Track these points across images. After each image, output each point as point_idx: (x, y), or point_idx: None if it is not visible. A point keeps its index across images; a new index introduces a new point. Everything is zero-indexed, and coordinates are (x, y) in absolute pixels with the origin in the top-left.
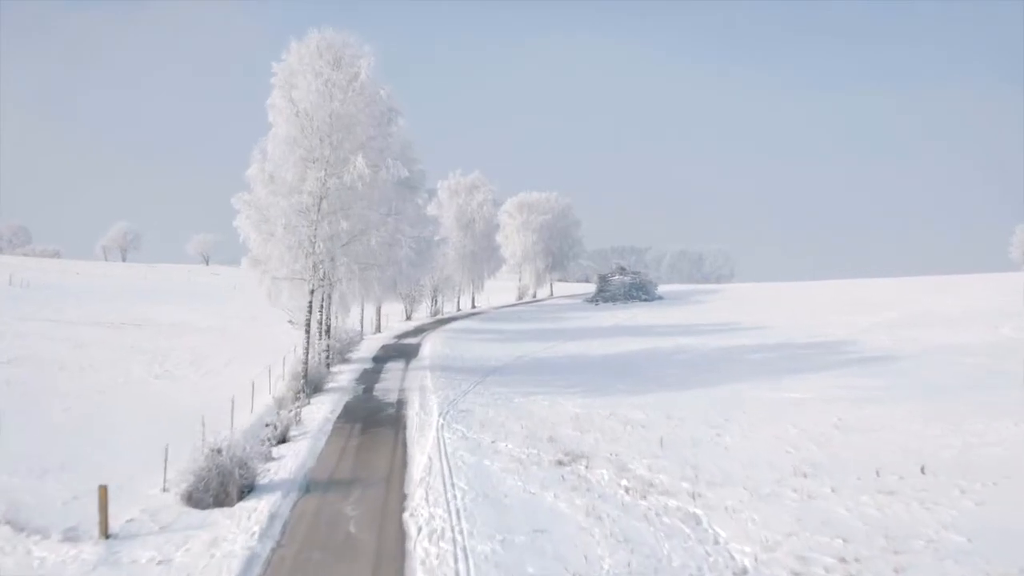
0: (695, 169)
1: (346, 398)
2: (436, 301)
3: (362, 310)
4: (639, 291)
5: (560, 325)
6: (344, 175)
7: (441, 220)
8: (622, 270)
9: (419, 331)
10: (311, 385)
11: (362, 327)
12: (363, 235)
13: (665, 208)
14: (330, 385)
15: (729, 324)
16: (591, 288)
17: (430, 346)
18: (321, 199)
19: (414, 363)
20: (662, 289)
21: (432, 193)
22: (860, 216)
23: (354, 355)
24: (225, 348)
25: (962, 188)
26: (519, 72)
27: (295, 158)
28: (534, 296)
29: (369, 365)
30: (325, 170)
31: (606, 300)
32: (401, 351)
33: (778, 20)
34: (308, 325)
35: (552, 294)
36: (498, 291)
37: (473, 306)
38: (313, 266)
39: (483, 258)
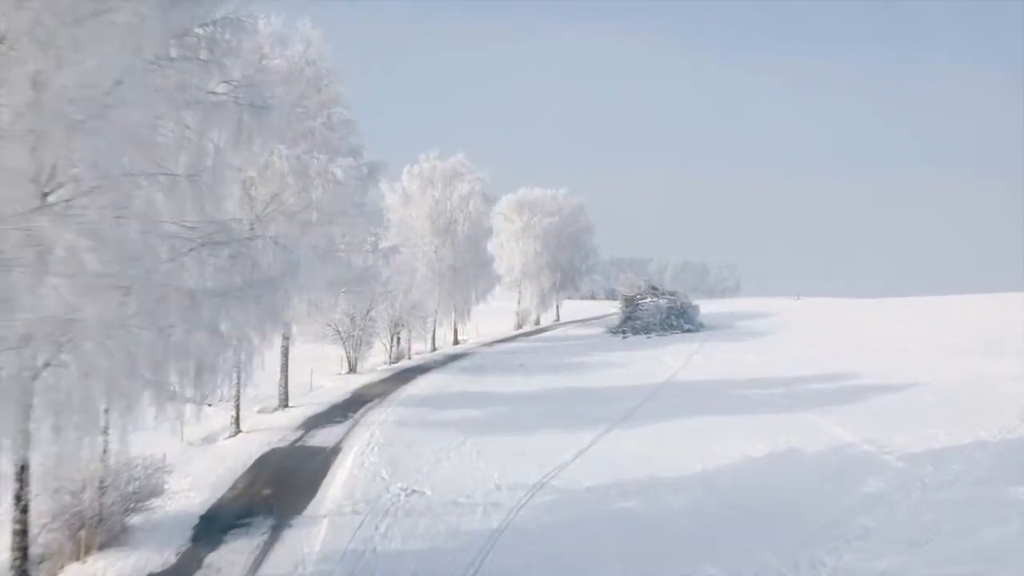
0: (695, 174)
1: None
2: (398, 340)
3: (238, 374)
4: (679, 318)
5: (586, 380)
6: None
7: (407, 221)
8: (653, 289)
9: (355, 404)
10: None
11: (237, 411)
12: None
13: (664, 216)
14: None
15: (851, 378)
16: (603, 306)
17: (354, 457)
18: None
19: (288, 538)
20: None
21: (375, 167)
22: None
23: (159, 514)
24: None
25: (964, 200)
26: (516, 74)
27: None
28: (537, 323)
29: (162, 565)
30: None
31: (636, 331)
32: (285, 479)
33: (781, 23)
34: None
35: (559, 319)
36: (490, 315)
37: (456, 342)
38: None
39: (469, 275)
